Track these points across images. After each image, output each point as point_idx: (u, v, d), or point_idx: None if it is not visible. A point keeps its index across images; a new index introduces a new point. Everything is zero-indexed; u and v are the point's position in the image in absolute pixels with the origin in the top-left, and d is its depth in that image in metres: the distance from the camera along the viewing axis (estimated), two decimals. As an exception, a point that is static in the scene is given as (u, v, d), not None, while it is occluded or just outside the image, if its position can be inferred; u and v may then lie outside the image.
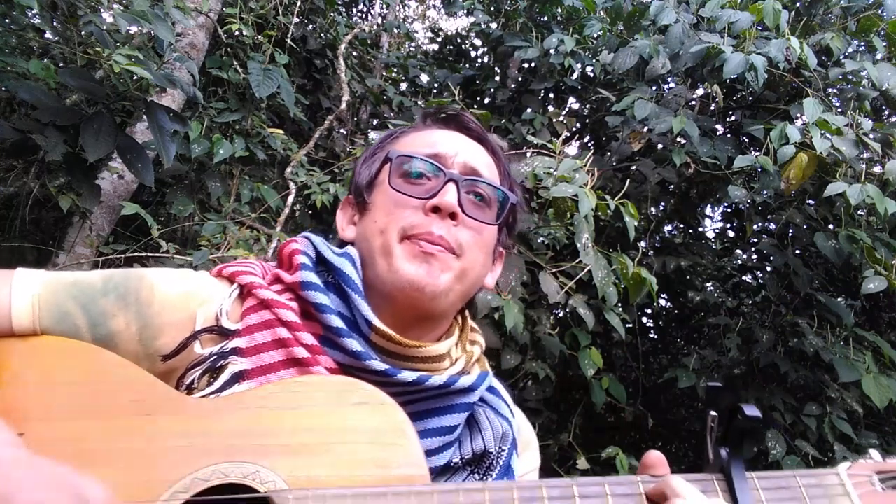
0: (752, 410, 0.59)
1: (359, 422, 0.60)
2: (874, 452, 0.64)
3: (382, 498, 0.54)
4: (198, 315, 0.68)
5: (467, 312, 0.85)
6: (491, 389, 0.82)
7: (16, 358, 0.61)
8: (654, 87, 3.34)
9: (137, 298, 0.67)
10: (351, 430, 0.59)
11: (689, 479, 0.58)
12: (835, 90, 3.17)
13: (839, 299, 3.55)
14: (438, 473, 0.70)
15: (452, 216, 0.73)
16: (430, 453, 0.67)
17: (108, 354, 0.63)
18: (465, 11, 4.35)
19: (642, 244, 3.32)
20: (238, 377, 0.65)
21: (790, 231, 3.44)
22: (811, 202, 3.37)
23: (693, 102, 3.50)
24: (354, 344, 0.67)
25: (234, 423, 0.59)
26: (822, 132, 2.52)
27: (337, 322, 0.68)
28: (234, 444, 0.57)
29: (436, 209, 0.72)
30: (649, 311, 4.26)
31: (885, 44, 3.05)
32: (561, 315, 3.02)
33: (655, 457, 0.61)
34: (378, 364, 0.67)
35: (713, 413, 0.62)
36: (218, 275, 0.74)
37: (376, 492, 0.55)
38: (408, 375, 0.67)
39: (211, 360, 0.65)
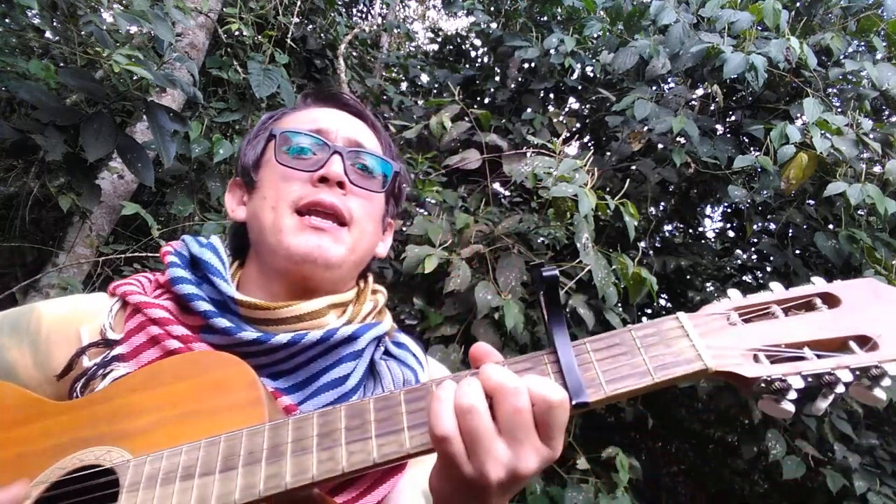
0: (549, 270, 0.56)
1: (206, 387, 0.61)
2: (734, 292, 0.62)
3: (217, 444, 0.55)
4: (82, 332, 0.71)
5: (370, 277, 0.87)
6: (398, 344, 0.83)
7: None
8: (654, 87, 3.34)
9: (28, 328, 0.71)
10: (198, 397, 0.60)
11: (518, 359, 0.56)
12: (835, 90, 3.17)
13: (839, 299, 3.54)
14: None
15: (340, 185, 0.75)
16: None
17: (6, 384, 0.66)
18: (465, 11, 4.35)
19: (642, 244, 3.32)
20: None
21: (790, 231, 3.43)
22: (811, 202, 3.37)
23: (693, 102, 3.50)
24: (223, 322, 0.69)
25: (95, 414, 0.62)
26: (822, 132, 2.52)
27: (205, 306, 0.70)
28: (95, 433, 0.60)
29: (323, 179, 0.75)
30: (649, 311, 4.26)
31: (885, 44, 3.05)
32: (561, 315, 3.01)
33: (481, 348, 0.58)
34: (248, 334, 0.68)
35: (542, 293, 0.58)
36: (111, 292, 0.77)
37: (211, 440, 0.56)
38: (282, 337, 0.69)
39: (92, 369, 0.68)
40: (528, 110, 3.71)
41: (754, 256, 4.14)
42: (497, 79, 4.16)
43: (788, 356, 0.54)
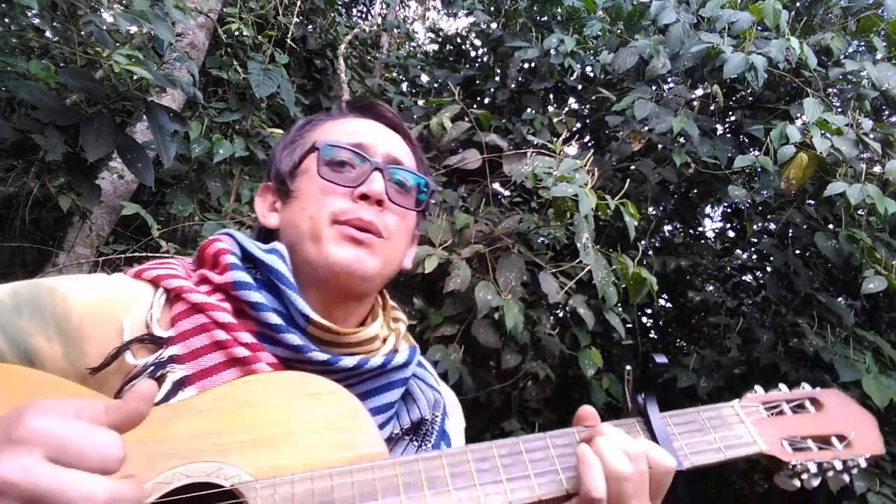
0: (661, 358, 0.69)
1: (314, 411, 0.61)
2: (758, 388, 0.79)
3: (347, 475, 0.56)
4: (124, 323, 0.65)
5: (385, 292, 0.88)
6: (418, 363, 0.85)
7: None
8: (654, 87, 3.34)
9: (54, 312, 0.63)
10: (308, 420, 0.60)
11: (614, 423, 0.67)
12: (835, 90, 3.17)
13: (839, 299, 3.55)
14: None
15: (379, 203, 0.77)
16: None
17: (42, 374, 0.60)
18: (465, 11, 4.36)
19: (642, 244, 3.32)
20: (180, 384, 0.64)
21: (790, 231, 3.43)
22: (811, 202, 3.37)
23: (693, 102, 3.50)
24: (294, 338, 0.68)
25: (189, 426, 0.58)
26: (822, 132, 2.52)
27: (275, 319, 0.69)
28: (193, 447, 0.56)
29: (363, 196, 0.76)
30: (649, 311, 4.26)
31: (885, 44, 3.05)
32: (561, 315, 3.02)
33: (588, 411, 0.68)
34: (319, 355, 0.68)
35: (629, 367, 0.73)
36: (137, 276, 0.72)
37: (341, 470, 0.57)
38: (348, 362, 0.70)
39: (149, 370, 0.64)
40: (528, 110, 3.71)
41: (754, 256, 4.14)
42: (497, 79, 4.16)
43: (804, 447, 0.71)
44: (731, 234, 4.29)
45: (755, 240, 3.82)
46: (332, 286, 0.75)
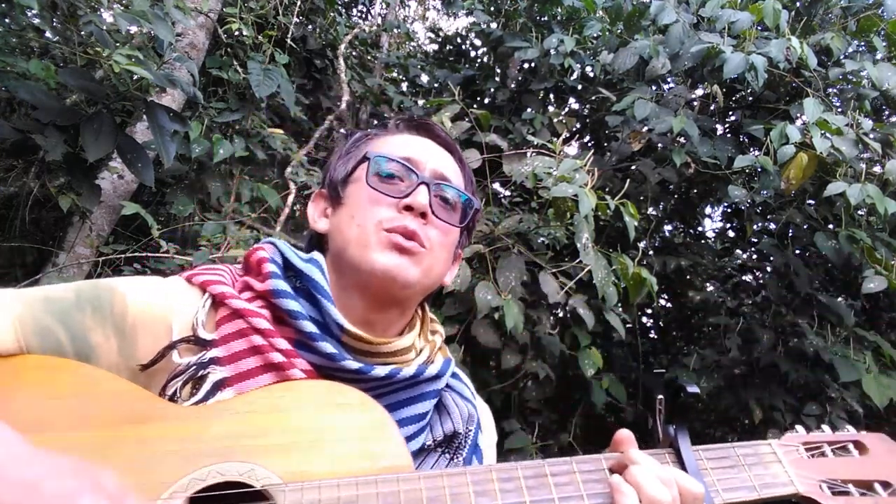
0: (692, 388, 0.68)
1: (344, 421, 0.63)
2: (800, 428, 0.76)
3: (372, 485, 0.58)
4: (173, 324, 0.70)
5: (426, 305, 0.91)
6: (454, 375, 0.87)
7: (2, 378, 0.61)
8: (654, 87, 3.34)
9: (112, 311, 0.68)
10: (338, 428, 0.62)
11: (645, 454, 0.65)
12: (835, 90, 3.17)
13: (839, 299, 3.54)
14: (413, 457, 0.74)
15: (423, 216, 0.79)
16: (406, 440, 0.70)
17: (93, 369, 0.64)
18: (465, 11, 4.35)
19: (642, 244, 3.32)
20: (219, 385, 0.67)
21: (790, 231, 3.44)
22: (811, 202, 3.37)
23: (693, 102, 3.50)
24: (328, 347, 0.70)
25: (225, 427, 0.61)
26: (822, 132, 2.52)
27: (310, 327, 0.71)
28: (228, 446, 0.60)
29: (408, 208, 0.78)
30: (649, 311, 4.26)
31: (885, 44, 3.05)
32: (561, 315, 3.02)
33: (625, 435, 0.68)
34: (352, 363, 0.71)
35: (660, 397, 0.71)
36: (188, 281, 0.76)
37: (367, 480, 0.58)
38: (380, 371, 0.72)
39: (191, 370, 0.67)
40: (528, 110, 3.71)
41: (754, 256, 4.14)
42: (497, 79, 4.16)
43: (843, 490, 0.69)
44: (731, 234, 4.29)
45: (755, 240, 3.82)
46: (374, 291, 0.77)
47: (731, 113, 3.73)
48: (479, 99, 4.26)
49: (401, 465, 0.62)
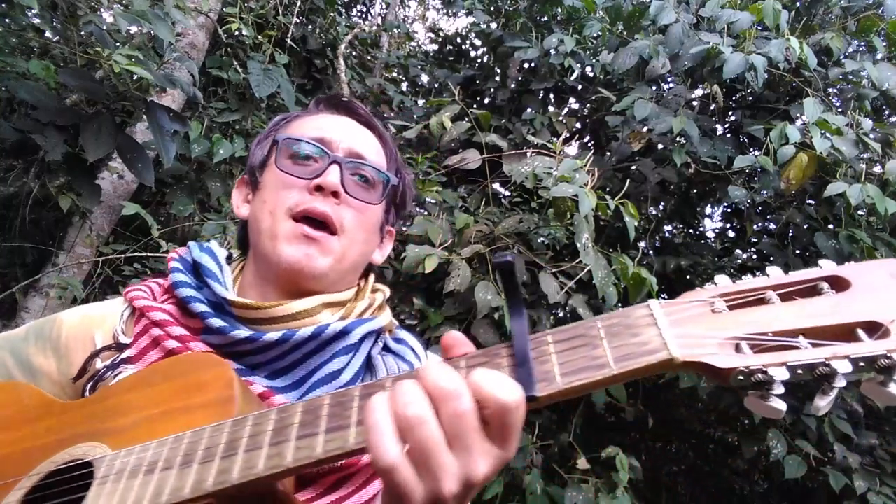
0: (500, 257, 0.50)
1: (187, 387, 0.63)
2: (721, 277, 0.53)
3: (179, 441, 0.57)
4: (96, 336, 0.75)
5: (371, 277, 0.89)
6: (399, 340, 0.85)
7: None
8: (654, 87, 3.34)
9: (51, 335, 0.77)
10: (179, 396, 0.63)
11: (478, 353, 0.52)
12: (835, 90, 3.17)
13: (839, 299, 3.54)
14: None
15: (335, 195, 0.78)
16: None
17: (27, 386, 0.71)
18: (465, 11, 4.35)
19: (642, 244, 3.32)
20: None
21: (790, 231, 3.43)
22: (811, 202, 3.37)
23: (693, 102, 3.50)
24: (217, 322, 0.72)
25: (91, 412, 0.65)
26: (822, 132, 2.52)
27: (201, 307, 0.73)
28: (88, 430, 0.64)
29: (319, 188, 0.77)
30: (649, 311, 4.25)
31: (885, 44, 3.05)
32: (561, 315, 3.02)
33: (452, 337, 0.53)
34: (241, 332, 0.71)
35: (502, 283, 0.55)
36: (124, 297, 0.80)
37: (177, 436, 0.57)
38: (273, 335, 0.71)
39: (101, 372, 0.71)
40: (528, 110, 3.71)
41: (754, 256, 4.14)
42: (497, 79, 4.16)
43: (777, 345, 0.46)
44: (731, 234, 4.29)
45: (755, 240, 3.82)
46: (283, 283, 0.77)
47: (731, 113, 3.73)
48: (479, 99, 4.26)
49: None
